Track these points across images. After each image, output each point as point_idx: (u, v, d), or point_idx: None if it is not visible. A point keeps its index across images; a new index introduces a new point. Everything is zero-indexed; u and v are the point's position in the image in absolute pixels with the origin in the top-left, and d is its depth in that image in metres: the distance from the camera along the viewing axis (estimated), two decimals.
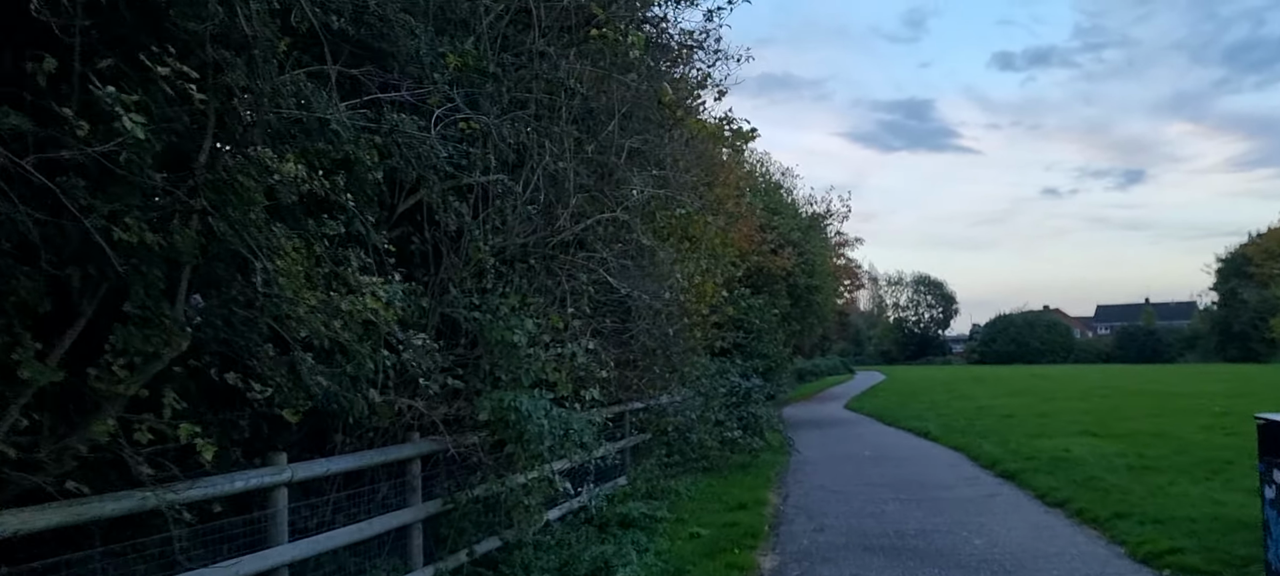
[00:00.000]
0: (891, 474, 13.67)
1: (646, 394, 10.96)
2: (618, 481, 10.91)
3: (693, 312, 11.35)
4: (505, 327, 6.64)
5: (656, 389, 11.27)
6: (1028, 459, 13.93)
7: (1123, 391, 31.67)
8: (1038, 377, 46.92)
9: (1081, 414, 22.68)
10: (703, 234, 10.56)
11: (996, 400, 30.39)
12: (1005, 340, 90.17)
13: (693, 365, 12.43)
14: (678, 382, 11.86)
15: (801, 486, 12.75)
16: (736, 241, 18.49)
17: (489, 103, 6.79)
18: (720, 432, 14.38)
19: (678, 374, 11.22)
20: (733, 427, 14.62)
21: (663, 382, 11.15)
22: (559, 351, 7.10)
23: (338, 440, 6.04)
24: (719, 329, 13.70)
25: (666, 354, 10.40)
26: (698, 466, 13.29)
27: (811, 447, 18.29)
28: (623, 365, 9.83)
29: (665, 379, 11.08)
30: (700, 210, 9.87)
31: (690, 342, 11.82)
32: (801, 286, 26.71)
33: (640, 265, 8.75)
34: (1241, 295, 70.97)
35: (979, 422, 21.55)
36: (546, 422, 6.49)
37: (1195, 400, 25.15)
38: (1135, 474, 11.88)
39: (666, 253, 8.83)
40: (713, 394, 16.31)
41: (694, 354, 12.64)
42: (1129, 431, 17.44)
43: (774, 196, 27.13)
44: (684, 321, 10.94)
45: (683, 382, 12.30)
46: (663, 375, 10.91)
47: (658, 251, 8.57)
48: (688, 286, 10.82)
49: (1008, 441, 16.64)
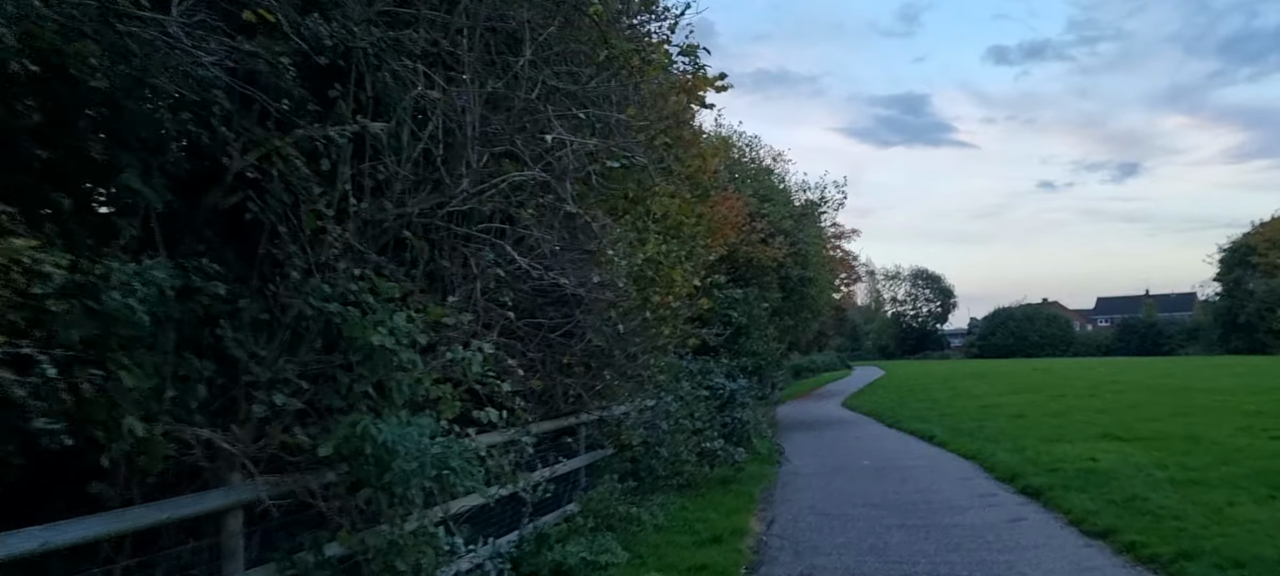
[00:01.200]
0: (895, 491, 11.83)
1: (600, 403, 9.10)
2: (567, 509, 9.06)
3: (658, 305, 9.50)
4: (364, 325, 4.79)
5: (614, 396, 9.41)
6: (1050, 470, 12.10)
7: (1135, 386, 29.85)
8: (1041, 372, 45.09)
9: (1096, 413, 20.86)
10: (666, 208, 8.71)
11: (1002, 398, 28.57)
12: (1004, 333, 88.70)
13: (662, 367, 10.57)
14: (643, 388, 10.00)
15: (790, 508, 10.91)
16: (717, 223, 16.65)
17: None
18: (698, 443, 12.53)
19: (639, 379, 9.36)
20: (713, 437, 12.76)
21: (620, 389, 9.29)
22: (450, 356, 5.23)
23: (101, 490, 4.17)
24: (695, 324, 11.83)
25: (622, 355, 8.54)
26: (670, 485, 11.43)
27: (804, 455, 16.46)
28: (566, 371, 7.98)
29: (622, 385, 9.22)
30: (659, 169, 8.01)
31: (655, 340, 9.96)
32: (794, 278, 24.85)
33: (578, 244, 6.89)
34: (1246, 285, 69.26)
35: (987, 424, 19.72)
36: (417, 458, 4.63)
37: (1216, 397, 23.33)
38: (1182, 490, 10.04)
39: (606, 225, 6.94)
40: (694, 398, 14.52)
41: (663, 354, 10.78)
42: (1156, 434, 15.62)
43: (764, 182, 25.26)
44: (645, 316, 9.08)
45: (649, 388, 10.45)
46: (618, 381, 9.05)
47: (592, 223, 6.69)
48: (649, 272, 8.97)
49: (1023, 447, 14.81)
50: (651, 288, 9.41)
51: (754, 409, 17.10)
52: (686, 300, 10.37)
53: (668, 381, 14.42)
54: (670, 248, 9.06)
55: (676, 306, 9.92)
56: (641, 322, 9.13)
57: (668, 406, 12.88)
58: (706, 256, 11.07)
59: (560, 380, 7.59)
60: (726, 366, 17.72)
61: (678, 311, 10.26)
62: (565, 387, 7.71)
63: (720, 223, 17.06)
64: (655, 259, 8.93)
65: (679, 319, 10.79)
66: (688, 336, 10.79)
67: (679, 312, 10.26)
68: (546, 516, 8.65)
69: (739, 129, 27.06)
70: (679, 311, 10.18)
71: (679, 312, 10.26)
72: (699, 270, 10.38)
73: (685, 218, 9.40)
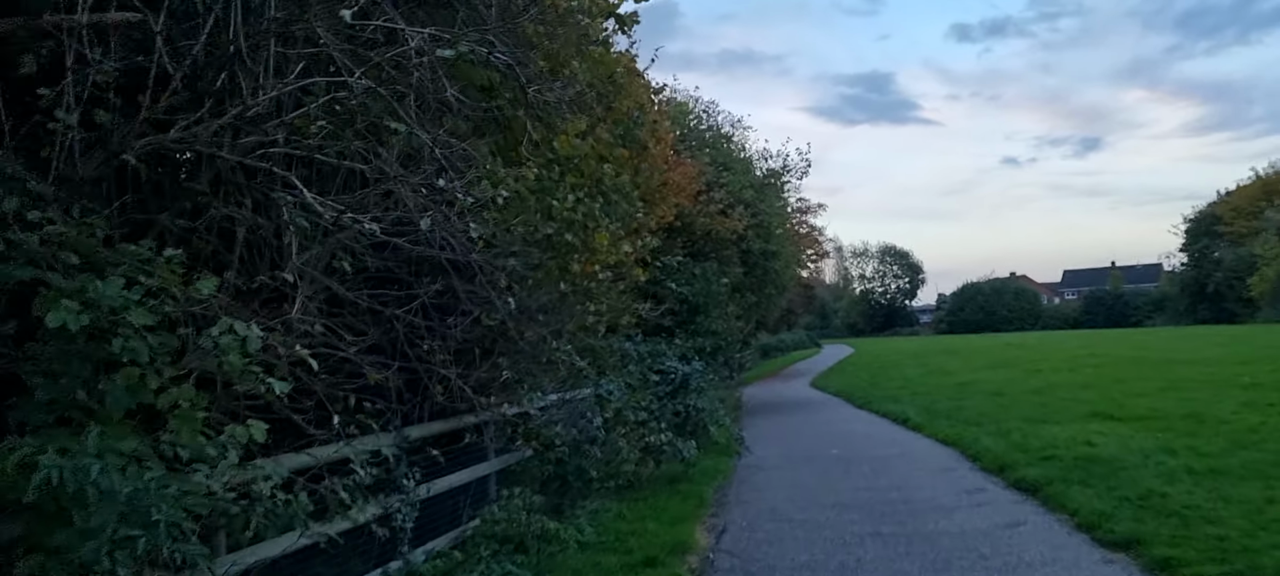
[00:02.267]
0: (867, 486, 10.23)
1: (504, 397, 7.34)
2: (466, 528, 7.34)
3: (580, 276, 7.75)
4: (48, 298, 3.02)
5: (526, 388, 7.66)
6: (1044, 458, 10.56)
7: (1114, 359, 28.61)
8: (1013, 347, 43.94)
9: (1080, 389, 19.46)
10: (577, 152, 6.94)
11: (977, 374, 27.19)
12: (973, 309, 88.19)
13: (593, 350, 8.86)
14: (568, 376, 8.29)
15: (746, 512, 9.26)
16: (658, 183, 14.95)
17: None
18: (642, 437, 10.85)
19: (556, 366, 7.62)
20: (660, 428, 11.07)
21: (533, 379, 7.56)
22: (204, 343, 3.47)
23: None
24: (638, 299, 10.09)
25: (529, 336, 6.81)
26: (606, 488, 9.74)
27: (767, 442, 14.85)
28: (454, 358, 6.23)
29: (536, 374, 7.50)
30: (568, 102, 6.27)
31: (580, 318, 8.24)
32: (756, 252, 23.17)
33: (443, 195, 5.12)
34: (1214, 254, 68.88)
35: (965, 404, 18.24)
36: (116, 506, 2.88)
37: (1203, 368, 22.05)
38: (1205, 483, 8.52)
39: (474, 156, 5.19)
40: (641, 385, 12.84)
41: (592, 334, 9.07)
42: (1152, 413, 14.17)
43: (722, 150, 23.55)
44: (561, 288, 7.34)
45: (583, 375, 8.75)
46: (531, 368, 7.31)
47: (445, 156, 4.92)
48: (566, 235, 7.24)
49: (1008, 431, 13.29)
50: (571, 254, 7.67)
51: (711, 394, 15.47)
52: (617, 270, 8.62)
53: (612, 366, 12.80)
54: (589, 205, 7.31)
55: (605, 277, 8.17)
56: (558, 297, 7.40)
57: (606, 395, 11.22)
58: (640, 217, 9.31)
59: (437, 371, 5.83)
60: (680, 348, 16.06)
61: (609, 284, 8.51)
62: (445, 380, 5.95)
63: (664, 183, 15.36)
64: (572, 217, 7.17)
65: (613, 292, 9.05)
66: (622, 313, 9.06)
67: (610, 285, 8.52)
68: (436, 541, 6.93)
69: (695, 94, 25.36)
70: (610, 284, 8.43)
71: (610, 285, 8.52)
72: (637, 235, 8.64)
73: (606, 159, 7.64)
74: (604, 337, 12.53)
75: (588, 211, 7.51)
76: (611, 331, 15.49)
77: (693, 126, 24.19)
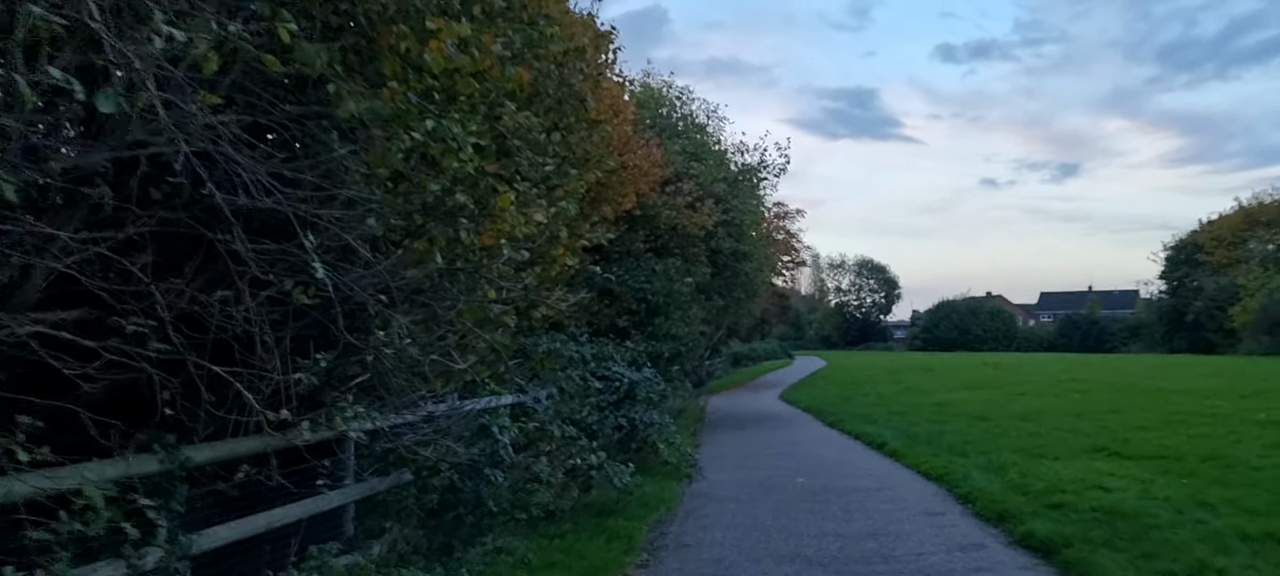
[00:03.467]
0: (837, 531, 8.32)
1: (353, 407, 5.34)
2: None
3: (470, 250, 5.77)
4: None
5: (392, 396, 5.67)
6: (1051, 505, 8.72)
7: (1100, 386, 26.99)
8: (990, 367, 42.42)
9: (1072, 418, 17.72)
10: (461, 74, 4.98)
11: (955, 394, 25.51)
12: (948, 326, 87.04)
13: (493, 352, 6.88)
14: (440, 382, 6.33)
15: (683, 564, 7.33)
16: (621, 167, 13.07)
17: None
18: (568, 457, 8.90)
19: (424, 368, 5.63)
20: (590, 448, 9.11)
21: (399, 385, 5.57)
22: None
23: None
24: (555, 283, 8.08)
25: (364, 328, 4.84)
26: (515, 521, 7.78)
27: (725, 465, 12.95)
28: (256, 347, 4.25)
29: (404, 381, 5.52)
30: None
31: (477, 308, 6.26)
32: (726, 251, 21.27)
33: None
34: (1194, 282, 67.88)
35: (947, 428, 16.43)
36: None
37: (1202, 401, 20.39)
38: (1267, 552, 6.69)
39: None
40: (580, 393, 10.90)
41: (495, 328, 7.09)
42: (1163, 451, 12.41)
43: (694, 139, 21.66)
44: (437, 264, 5.37)
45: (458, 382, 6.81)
46: (389, 371, 5.33)
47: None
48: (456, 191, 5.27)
49: (1002, 465, 11.47)
50: (457, 218, 5.70)
51: (663, 407, 13.56)
52: (533, 248, 6.64)
53: (546, 369, 10.86)
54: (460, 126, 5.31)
55: (510, 255, 6.19)
56: (428, 277, 5.44)
57: (532, 404, 9.29)
58: (565, 181, 7.32)
59: (207, 369, 3.85)
60: (633, 352, 14.12)
61: (518, 266, 6.52)
62: (220, 382, 3.97)
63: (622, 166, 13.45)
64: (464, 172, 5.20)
65: (530, 277, 7.04)
66: (532, 305, 7.06)
67: (519, 269, 6.53)
68: None
69: (668, 79, 23.45)
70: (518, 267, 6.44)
71: (519, 269, 6.53)
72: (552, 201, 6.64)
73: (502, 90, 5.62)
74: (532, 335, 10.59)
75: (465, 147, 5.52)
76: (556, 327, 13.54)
77: (665, 115, 22.31)
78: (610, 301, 16.64)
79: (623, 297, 16.86)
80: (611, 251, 17.01)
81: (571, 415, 10.19)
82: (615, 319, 16.74)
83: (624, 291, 16.82)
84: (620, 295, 16.84)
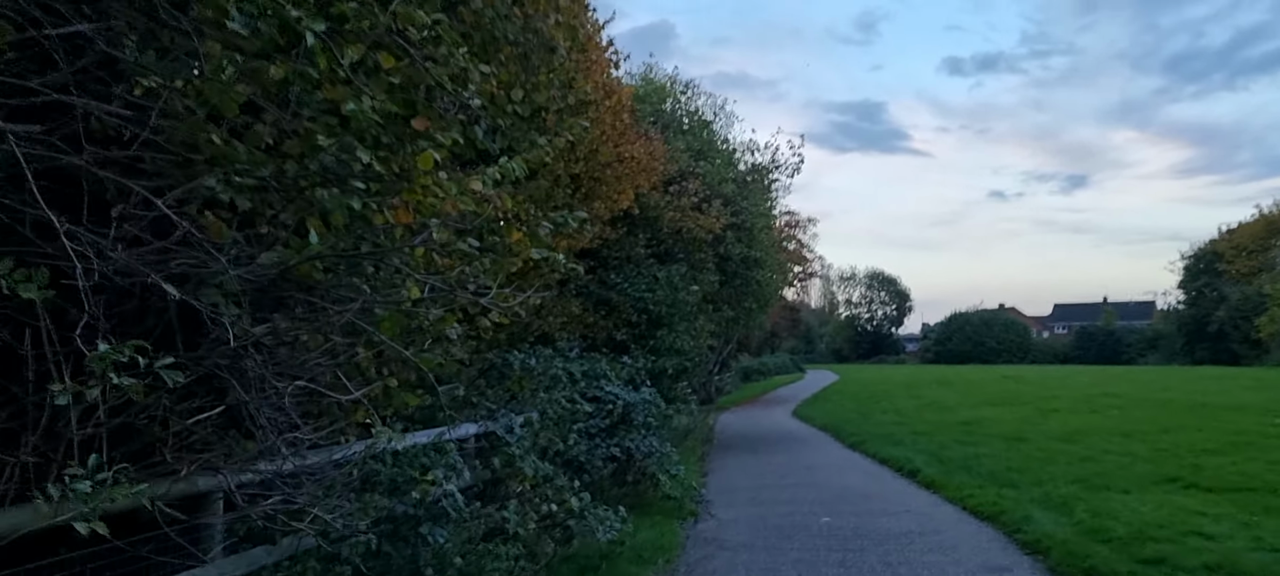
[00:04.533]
0: None
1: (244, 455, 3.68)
2: None
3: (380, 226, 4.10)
4: None
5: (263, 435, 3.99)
6: (1148, 561, 6.95)
7: (1135, 401, 25.16)
8: (1011, 380, 40.56)
9: (1120, 438, 15.93)
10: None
11: (980, 411, 23.69)
12: (961, 338, 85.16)
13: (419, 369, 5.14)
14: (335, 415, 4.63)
15: None
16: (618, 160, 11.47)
17: None
18: (541, 502, 7.18)
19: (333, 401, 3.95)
20: (568, 492, 7.38)
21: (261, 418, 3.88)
22: None
23: None
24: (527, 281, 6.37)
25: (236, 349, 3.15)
26: None
27: (735, 499, 11.19)
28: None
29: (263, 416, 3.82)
30: None
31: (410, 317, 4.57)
32: (736, 258, 19.56)
33: None
34: (1216, 291, 65.85)
35: (982, 451, 14.63)
36: None
37: (1258, 417, 18.58)
38: None
39: None
40: (566, 419, 9.21)
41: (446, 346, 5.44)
42: (1248, 481, 10.64)
43: (701, 137, 20.00)
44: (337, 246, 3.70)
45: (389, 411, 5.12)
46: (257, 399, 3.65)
47: None
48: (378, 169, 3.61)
49: (1065, 501, 9.71)
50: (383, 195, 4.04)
51: (664, 432, 11.84)
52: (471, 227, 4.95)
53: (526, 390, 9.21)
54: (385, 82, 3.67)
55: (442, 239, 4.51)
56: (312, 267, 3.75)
57: (504, 433, 7.61)
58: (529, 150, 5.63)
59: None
60: (632, 368, 12.43)
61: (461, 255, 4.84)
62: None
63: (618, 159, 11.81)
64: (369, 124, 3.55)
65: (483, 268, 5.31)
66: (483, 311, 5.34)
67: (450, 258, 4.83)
68: None
69: (673, 73, 21.82)
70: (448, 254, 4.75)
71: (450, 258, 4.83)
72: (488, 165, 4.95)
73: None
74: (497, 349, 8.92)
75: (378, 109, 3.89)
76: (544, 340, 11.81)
77: (668, 110, 20.68)
78: (608, 312, 14.95)
79: (621, 308, 15.16)
80: (609, 257, 15.35)
81: (552, 446, 8.50)
82: (613, 331, 15.03)
83: (622, 301, 15.12)
84: (618, 305, 15.14)
